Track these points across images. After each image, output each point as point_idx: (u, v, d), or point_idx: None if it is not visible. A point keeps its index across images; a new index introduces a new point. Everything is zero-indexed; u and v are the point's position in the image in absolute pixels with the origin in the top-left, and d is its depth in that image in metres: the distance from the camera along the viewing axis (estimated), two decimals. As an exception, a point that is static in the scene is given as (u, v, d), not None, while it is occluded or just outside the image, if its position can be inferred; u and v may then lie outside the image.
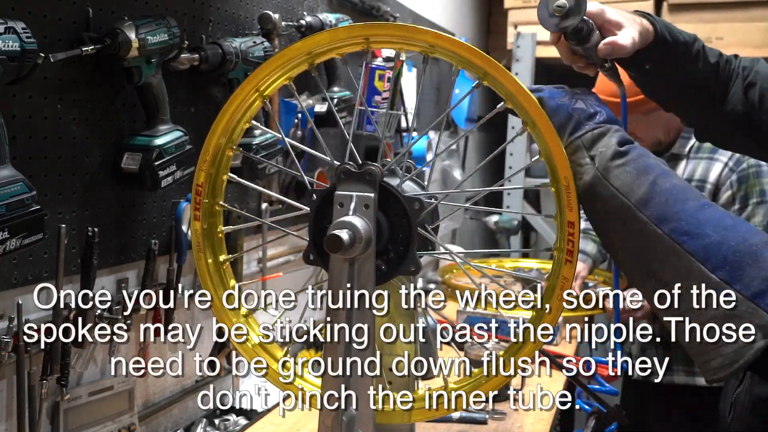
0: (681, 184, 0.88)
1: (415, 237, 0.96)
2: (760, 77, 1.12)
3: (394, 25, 0.95)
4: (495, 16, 4.14)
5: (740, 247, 0.82)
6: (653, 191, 0.87)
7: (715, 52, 1.14)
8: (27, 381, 1.16)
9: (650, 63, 1.08)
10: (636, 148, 0.91)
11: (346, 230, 0.90)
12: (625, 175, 0.88)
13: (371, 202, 0.95)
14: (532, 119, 0.91)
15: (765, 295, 0.80)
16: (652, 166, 0.89)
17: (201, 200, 1.05)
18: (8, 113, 1.09)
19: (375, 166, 0.95)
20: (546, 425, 1.56)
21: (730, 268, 0.82)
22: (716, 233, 0.83)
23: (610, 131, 0.91)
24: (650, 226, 0.86)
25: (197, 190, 1.05)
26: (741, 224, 0.85)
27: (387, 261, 0.97)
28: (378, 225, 0.95)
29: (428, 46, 0.94)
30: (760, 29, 3.26)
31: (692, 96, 1.15)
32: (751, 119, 1.12)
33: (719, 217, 0.85)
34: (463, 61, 0.93)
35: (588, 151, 0.91)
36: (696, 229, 0.84)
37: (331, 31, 0.98)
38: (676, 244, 0.84)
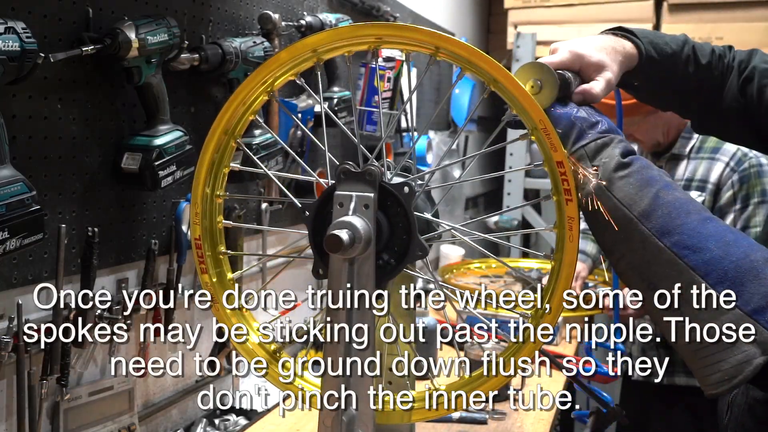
0: (683, 197, 0.89)
1: (414, 223, 0.96)
2: (758, 72, 1.12)
3: (402, 26, 0.95)
4: (495, 16, 4.14)
5: (741, 262, 0.83)
6: (656, 204, 0.87)
7: (706, 50, 1.14)
8: (27, 381, 1.16)
9: (638, 81, 1.10)
10: (639, 159, 0.91)
11: (346, 230, 0.90)
12: (628, 186, 0.88)
13: (371, 202, 0.95)
14: (535, 125, 0.91)
15: (765, 312, 0.80)
16: (655, 179, 0.89)
17: (203, 253, 1.06)
18: (8, 113, 1.09)
19: (375, 166, 0.96)
20: (546, 425, 1.56)
21: (730, 283, 0.82)
22: (718, 248, 0.84)
23: (613, 141, 0.92)
24: (652, 239, 0.86)
25: (197, 244, 1.06)
26: (743, 239, 0.85)
27: (394, 254, 0.98)
28: (377, 224, 0.95)
29: (435, 48, 0.94)
30: (760, 29, 3.26)
31: (686, 97, 1.16)
32: (749, 113, 1.13)
33: (721, 232, 0.86)
34: (471, 65, 0.93)
35: (591, 161, 0.91)
36: (698, 243, 0.84)
37: (336, 30, 0.98)
38: (677, 258, 0.85)
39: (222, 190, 1.07)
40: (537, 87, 0.96)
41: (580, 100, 0.99)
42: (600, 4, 3.51)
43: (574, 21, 3.55)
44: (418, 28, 0.95)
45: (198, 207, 1.05)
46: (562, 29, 3.54)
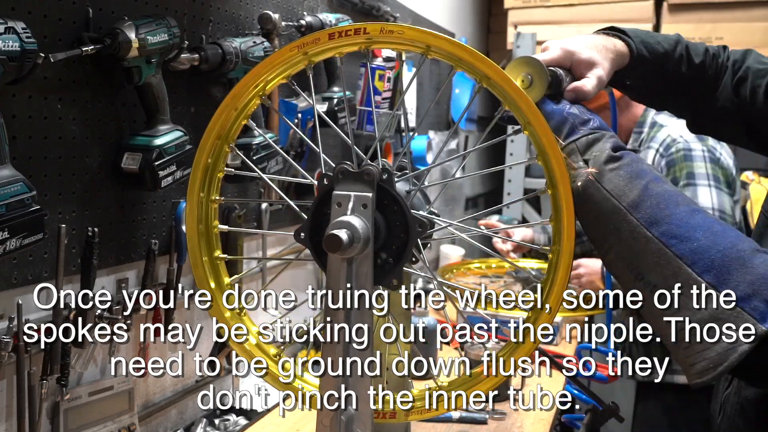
0: (672, 190, 0.89)
1: (413, 222, 0.97)
2: (752, 72, 1.12)
3: (390, 26, 0.95)
4: (495, 16, 4.14)
5: (728, 252, 0.83)
6: (645, 195, 0.87)
7: (700, 50, 1.14)
8: (27, 381, 1.16)
9: (630, 80, 1.10)
10: (629, 154, 0.92)
11: (345, 230, 0.91)
12: (618, 178, 0.89)
13: (369, 202, 0.95)
14: (528, 120, 0.91)
15: (751, 300, 0.81)
16: (645, 171, 0.90)
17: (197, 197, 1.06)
18: (8, 113, 1.09)
19: (373, 166, 0.96)
20: (546, 425, 1.56)
21: (717, 271, 0.82)
22: (705, 237, 0.84)
23: (604, 137, 0.93)
24: (640, 228, 0.86)
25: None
26: (730, 230, 0.86)
27: (392, 253, 0.98)
28: (375, 223, 0.96)
29: (425, 47, 0.94)
30: (760, 29, 3.26)
31: (678, 96, 1.16)
32: (742, 114, 1.13)
33: (709, 223, 0.86)
34: (462, 63, 0.93)
35: (582, 155, 0.92)
36: (685, 232, 0.85)
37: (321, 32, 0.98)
38: (665, 247, 0.85)
39: (217, 194, 1.07)
40: (527, 81, 0.96)
41: (572, 97, 0.99)
42: (600, 4, 3.52)
43: (574, 21, 3.55)
44: (406, 27, 0.95)
45: (194, 212, 1.05)
46: (562, 29, 3.54)
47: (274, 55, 0.99)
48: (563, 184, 0.90)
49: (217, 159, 1.06)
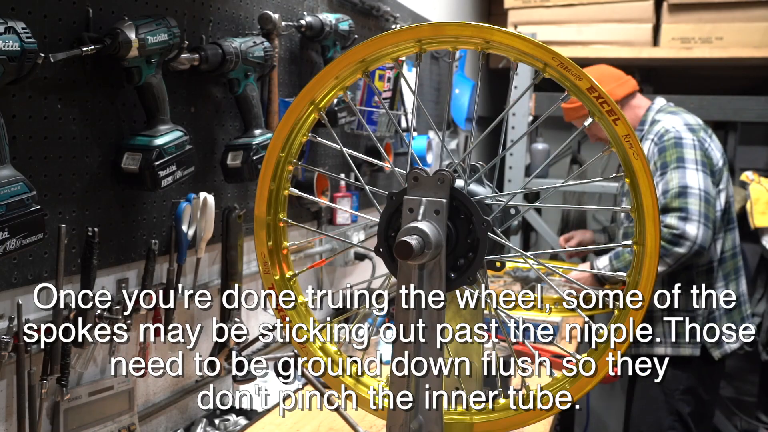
0: None
1: (485, 242, 0.95)
2: None
3: (443, 25, 0.95)
4: (495, 16, 4.14)
5: None
6: None
7: None
8: (27, 381, 1.16)
9: None
10: None
11: (416, 236, 0.89)
12: None
13: (442, 208, 0.93)
14: (599, 110, 0.91)
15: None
16: None
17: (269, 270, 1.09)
18: (8, 113, 1.09)
19: (446, 171, 0.94)
20: (546, 425, 1.56)
21: None
22: None
23: None
24: None
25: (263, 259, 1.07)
26: None
27: (455, 268, 0.97)
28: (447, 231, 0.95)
29: (484, 42, 0.94)
30: (760, 29, 3.26)
31: None
32: None
33: None
34: (524, 55, 0.93)
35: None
36: None
37: (386, 35, 0.98)
38: None
39: (294, 158, 1.08)
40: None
41: None
42: (600, 4, 3.51)
43: (574, 21, 3.55)
44: (461, 24, 0.94)
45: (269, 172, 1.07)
46: (562, 29, 3.54)
47: (389, 34, 0.98)
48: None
49: (303, 124, 1.06)
